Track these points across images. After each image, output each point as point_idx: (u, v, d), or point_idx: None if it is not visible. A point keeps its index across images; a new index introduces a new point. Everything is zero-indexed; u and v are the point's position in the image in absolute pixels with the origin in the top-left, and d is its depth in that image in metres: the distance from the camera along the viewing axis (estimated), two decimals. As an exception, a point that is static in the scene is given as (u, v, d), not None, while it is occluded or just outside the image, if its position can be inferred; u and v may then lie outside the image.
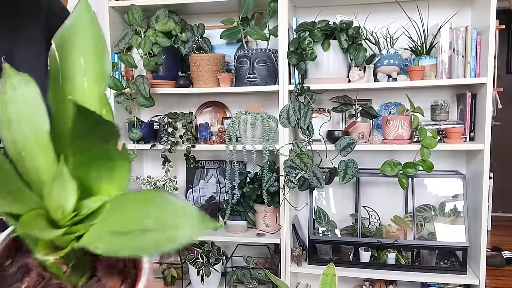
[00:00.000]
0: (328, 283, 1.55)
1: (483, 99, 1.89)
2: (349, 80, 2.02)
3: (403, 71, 2.02)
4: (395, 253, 2.04)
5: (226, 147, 2.09)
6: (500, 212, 4.34)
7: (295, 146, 1.99)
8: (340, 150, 1.93)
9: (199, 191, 2.39)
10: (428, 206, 2.10)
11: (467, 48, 1.91)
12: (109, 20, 2.12)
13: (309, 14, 2.16)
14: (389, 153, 2.17)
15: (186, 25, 2.19)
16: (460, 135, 1.94)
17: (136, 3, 2.07)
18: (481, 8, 1.94)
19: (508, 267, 3.05)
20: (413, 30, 2.02)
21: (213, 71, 2.13)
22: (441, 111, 2.08)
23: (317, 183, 1.94)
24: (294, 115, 1.97)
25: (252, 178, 2.20)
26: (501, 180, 4.14)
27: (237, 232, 2.18)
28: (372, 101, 2.22)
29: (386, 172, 1.97)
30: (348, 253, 2.10)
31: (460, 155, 2.17)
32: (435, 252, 2.01)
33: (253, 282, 2.21)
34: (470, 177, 2.08)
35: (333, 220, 2.18)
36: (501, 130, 3.79)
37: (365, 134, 2.07)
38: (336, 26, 1.94)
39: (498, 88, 3.13)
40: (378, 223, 2.18)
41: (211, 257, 2.24)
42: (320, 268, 1.92)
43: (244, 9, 2.04)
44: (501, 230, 3.89)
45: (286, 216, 2.08)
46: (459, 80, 1.92)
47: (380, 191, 2.25)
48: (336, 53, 1.98)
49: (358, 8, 2.15)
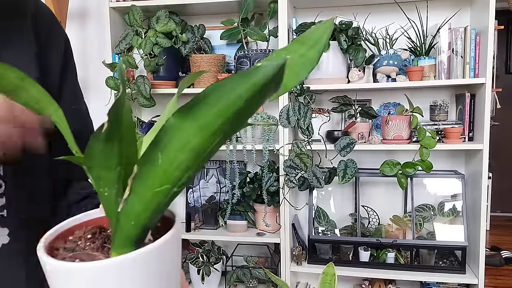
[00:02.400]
0: (328, 282, 1.56)
1: (482, 99, 1.90)
2: (349, 80, 2.03)
3: (402, 72, 2.03)
4: (394, 252, 2.05)
5: (226, 147, 2.10)
6: (499, 212, 4.35)
7: (295, 146, 2.00)
8: (340, 150, 1.94)
9: (200, 190, 2.40)
10: (427, 205, 2.11)
11: (466, 49, 1.92)
12: (109, 21, 2.13)
13: (308, 14, 2.17)
14: (388, 153, 2.18)
15: (186, 26, 2.20)
16: (459, 135, 1.95)
17: (137, 4, 2.08)
18: (480, 9, 1.95)
19: (507, 267, 3.06)
20: (412, 30, 2.03)
21: (213, 71, 2.14)
22: (440, 111, 2.09)
23: (317, 183, 1.96)
24: (294, 115, 1.98)
25: (252, 178, 2.21)
26: (500, 179, 4.15)
27: (237, 232, 2.19)
28: (372, 101, 2.23)
29: (386, 172, 1.98)
30: (348, 253, 2.11)
31: (459, 155, 2.18)
32: (434, 252, 2.02)
33: (253, 282, 2.22)
34: (469, 177, 2.09)
35: (332, 220, 2.19)
36: (500, 130, 3.81)
37: (364, 134, 2.08)
38: (336, 27, 1.95)
39: (497, 89, 3.14)
40: (377, 222, 2.19)
41: (211, 256, 2.25)
42: (320, 267, 1.93)
43: (244, 10, 2.05)
44: (500, 230, 3.90)
45: (286, 216, 2.09)
46: (458, 81, 1.93)
47: (380, 191, 2.26)
48: (335, 53, 1.99)
49: (357, 9, 2.16)
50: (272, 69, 0.24)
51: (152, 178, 0.28)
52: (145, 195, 0.29)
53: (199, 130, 0.26)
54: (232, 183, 2.25)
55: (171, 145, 0.27)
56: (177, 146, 0.27)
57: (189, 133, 0.26)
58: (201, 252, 2.26)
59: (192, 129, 0.26)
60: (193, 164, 0.27)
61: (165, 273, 0.32)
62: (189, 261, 2.24)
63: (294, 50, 0.32)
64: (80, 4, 2.44)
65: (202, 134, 0.26)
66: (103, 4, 2.14)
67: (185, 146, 0.26)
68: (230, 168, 2.19)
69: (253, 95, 0.25)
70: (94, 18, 2.45)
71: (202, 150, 0.27)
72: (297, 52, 0.32)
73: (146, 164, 0.28)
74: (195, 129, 0.26)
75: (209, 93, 0.25)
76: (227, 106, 0.25)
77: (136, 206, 0.29)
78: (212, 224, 2.27)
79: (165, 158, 0.27)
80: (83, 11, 2.46)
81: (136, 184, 0.28)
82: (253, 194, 2.15)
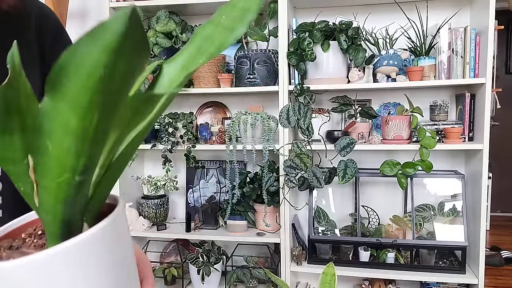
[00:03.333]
0: (328, 282, 1.56)
1: (482, 100, 1.90)
2: (349, 80, 2.03)
3: (402, 72, 2.03)
4: (394, 252, 2.05)
5: (226, 147, 2.10)
6: (499, 212, 4.36)
7: (295, 146, 2.00)
8: (340, 150, 1.94)
9: (200, 191, 2.40)
10: (427, 205, 2.11)
11: (466, 49, 1.92)
12: (109, 21, 2.12)
13: (308, 14, 2.17)
14: (388, 153, 2.18)
15: (186, 26, 2.20)
16: (459, 135, 1.95)
17: (137, 4, 2.08)
18: (480, 9, 1.95)
19: (507, 267, 3.06)
20: (412, 30, 2.03)
21: (213, 71, 2.15)
22: (440, 111, 2.09)
23: (317, 183, 1.96)
24: (294, 115, 1.98)
25: (252, 178, 2.21)
26: (500, 179, 4.15)
27: (237, 232, 2.19)
28: (372, 101, 2.23)
29: (386, 172, 1.98)
30: (348, 253, 2.11)
31: (459, 155, 2.18)
32: (434, 252, 2.02)
33: (253, 282, 2.22)
34: (469, 177, 2.09)
35: (332, 220, 2.19)
36: (500, 130, 3.81)
37: (364, 134, 2.08)
38: (336, 27, 1.95)
39: (497, 89, 3.15)
40: (377, 222, 2.19)
41: (211, 256, 2.25)
42: (320, 267, 1.93)
43: (244, 9, 2.05)
44: (500, 230, 3.90)
45: (286, 216, 2.09)
46: (458, 81, 1.93)
47: (380, 191, 2.26)
48: (335, 53, 1.99)
49: (357, 9, 2.16)
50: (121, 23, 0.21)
51: (50, 169, 0.26)
52: (50, 187, 0.27)
53: (71, 108, 0.23)
54: (232, 183, 2.25)
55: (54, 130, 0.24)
56: (59, 130, 0.24)
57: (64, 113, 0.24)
58: (201, 252, 2.26)
59: (65, 108, 0.23)
60: (82, 149, 0.25)
61: (106, 264, 0.30)
62: (189, 261, 2.24)
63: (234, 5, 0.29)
64: (80, 4, 2.44)
65: (75, 112, 0.23)
66: (103, 4, 2.14)
67: (66, 128, 0.24)
68: (230, 168, 2.19)
69: (112, 59, 0.21)
70: (94, 18, 2.45)
71: (83, 130, 0.24)
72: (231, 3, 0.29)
73: (38, 154, 0.26)
74: (68, 107, 0.23)
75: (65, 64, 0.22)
76: (87, 75, 0.22)
77: (47, 200, 0.27)
78: (212, 224, 2.27)
79: (54, 145, 0.25)
80: (83, 11, 2.46)
81: (38, 177, 0.27)
82: (253, 194, 2.15)
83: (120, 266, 0.32)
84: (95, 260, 0.29)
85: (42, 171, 0.26)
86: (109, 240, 0.30)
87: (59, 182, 0.26)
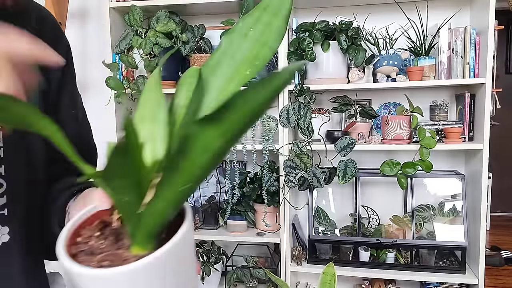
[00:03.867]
0: (328, 282, 1.56)
1: (482, 99, 1.90)
2: (349, 80, 2.03)
3: (402, 72, 2.03)
4: (394, 252, 2.05)
5: (226, 147, 2.10)
6: (499, 212, 4.36)
7: (295, 146, 2.00)
8: (340, 150, 1.94)
9: (200, 190, 2.40)
10: (427, 205, 2.11)
11: (466, 49, 1.92)
12: (109, 21, 2.13)
13: (308, 14, 2.17)
14: (388, 153, 2.18)
15: (186, 26, 2.20)
16: (459, 135, 1.95)
17: (137, 4, 2.08)
18: (480, 9, 1.95)
19: (507, 267, 3.06)
20: (412, 30, 2.03)
21: (213, 71, 2.14)
22: (440, 111, 2.09)
23: (317, 183, 1.96)
24: (294, 115, 1.98)
25: (252, 178, 2.21)
26: (500, 179, 4.15)
27: (237, 232, 2.19)
28: (372, 101, 2.23)
29: (385, 172, 1.98)
30: (348, 253, 2.11)
31: (459, 155, 2.18)
32: (434, 252, 2.02)
33: (253, 281, 2.22)
34: (469, 177, 2.09)
35: (332, 220, 2.19)
36: (500, 130, 3.81)
37: (364, 134, 2.08)
38: (336, 27, 1.95)
39: (497, 89, 3.14)
40: (377, 222, 2.19)
41: (211, 256, 2.25)
42: (320, 267, 1.93)
43: (244, 10, 2.05)
44: (500, 230, 3.91)
45: (286, 216, 2.09)
46: (458, 81, 1.93)
47: (380, 191, 2.26)
48: (335, 53, 1.99)
49: (357, 9, 2.16)
50: (290, 73, 0.27)
51: (176, 180, 0.30)
52: (169, 195, 0.30)
53: (222, 134, 0.27)
54: (232, 183, 2.25)
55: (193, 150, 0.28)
56: (198, 150, 0.28)
57: (211, 138, 0.28)
58: (201, 252, 2.26)
59: (214, 134, 0.27)
60: (213, 163, 0.30)
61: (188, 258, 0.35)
62: (189, 261, 2.24)
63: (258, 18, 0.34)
64: (80, 4, 2.44)
65: (224, 138, 0.27)
66: (103, 4, 2.14)
67: (207, 149, 0.28)
68: (230, 168, 2.19)
69: (272, 97, 0.27)
70: (94, 18, 2.46)
71: (222, 151, 0.29)
72: (262, 20, 0.34)
73: (170, 171, 0.29)
74: (218, 134, 0.27)
75: (234, 101, 0.27)
76: (250, 111, 0.27)
77: (160, 206, 0.31)
78: (212, 224, 2.27)
79: (188, 162, 0.29)
80: (83, 11, 2.46)
81: (161, 188, 0.30)
82: (253, 194, 2.15)
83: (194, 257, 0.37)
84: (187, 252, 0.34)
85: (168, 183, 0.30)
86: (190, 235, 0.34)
87: (181, 190, 0.30)
